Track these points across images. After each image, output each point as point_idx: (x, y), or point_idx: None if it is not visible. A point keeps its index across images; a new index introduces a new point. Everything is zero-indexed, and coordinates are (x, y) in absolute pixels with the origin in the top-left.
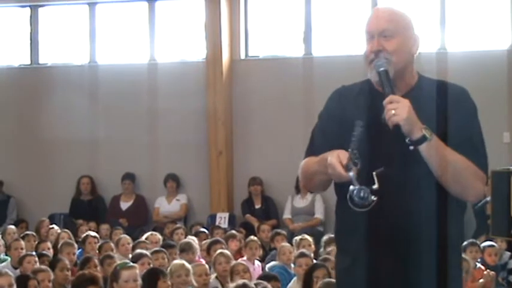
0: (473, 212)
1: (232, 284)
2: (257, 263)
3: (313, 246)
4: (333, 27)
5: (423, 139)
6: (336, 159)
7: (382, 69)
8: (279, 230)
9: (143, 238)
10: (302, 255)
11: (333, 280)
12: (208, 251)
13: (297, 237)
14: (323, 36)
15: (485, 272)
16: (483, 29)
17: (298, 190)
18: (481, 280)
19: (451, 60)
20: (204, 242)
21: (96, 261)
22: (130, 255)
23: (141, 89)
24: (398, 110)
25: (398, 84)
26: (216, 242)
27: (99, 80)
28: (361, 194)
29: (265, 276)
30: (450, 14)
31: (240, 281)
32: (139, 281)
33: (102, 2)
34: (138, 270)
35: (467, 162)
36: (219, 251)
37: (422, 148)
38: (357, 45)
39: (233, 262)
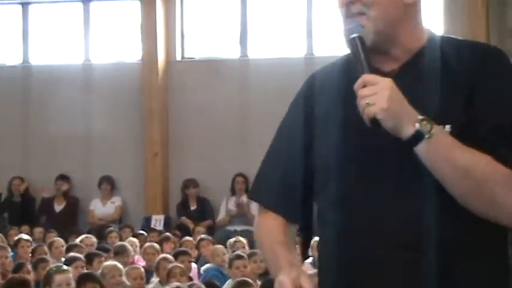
0: None
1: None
2: (193, 265)
3: (247, 247)
4: (269, 29)
5: (418, 137)
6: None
7: (353, 35)
8: (203, 236)
9: (77, 241)
10: (238, 257)
11: None
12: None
13: (231, 239)
14: (259, 38)
15: None
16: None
17: (233, 192)
18: None
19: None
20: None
21: (29, 266)
22: (63, 259)
23: (75, 89)
24: (374, 96)
25: (393, 52)
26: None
27: (33, 80)
28: None
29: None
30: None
31: (174, 284)
32: (73, 285)
33: (35, 2)
34: (71, 274)
35: (495, 166)
36: (162, 255)
37: (419, 150)
38: (293, 48)
39: (170, 265)
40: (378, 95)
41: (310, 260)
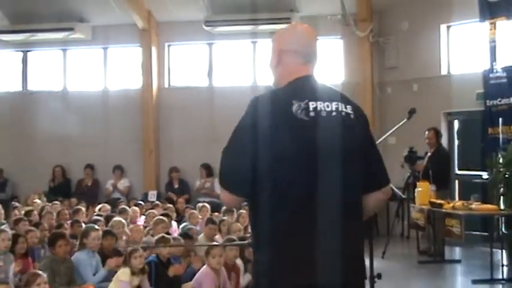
0: None
1: (156, 237)
2: (174, 223)
3: (209, 212)
4: (227, 65)
5: None
6: None
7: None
8: (188, 205)
9: (97, 208)
10: (210, 221)
11: None
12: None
13: (199, 204)
14: (221, 72)
15: None
16: None
17: (202, 176)
18: None
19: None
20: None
21: (66, 224)
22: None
23: (98, 107)
24: None
25: None
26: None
27: (71, 102)
28: None
29: (183, 234)
30: None
31: (161, 234)
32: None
33: (73, 47)
34: (100, 231)
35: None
36: (157, 218)
37: None
38: (243, 78)
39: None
40: None
41: None
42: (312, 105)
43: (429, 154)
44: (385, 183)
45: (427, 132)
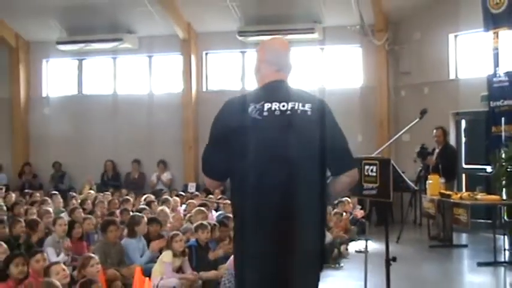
0: None
1: (195, 224)
2: (213, 212)
3: None
4: None
5: None
6: None
7: None
8: (222, 196)
9: (143, 198)
10: None
11: None
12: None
13: None
14: (252, 77)
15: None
16: None
17: None
18: None
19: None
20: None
21: (117, 212)
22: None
23: (144, 109)
24: None
25: None
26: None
27: (119, 103)
28: None
29: (219, 222)
30: None
31: (199, 222)
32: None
33: (122, 54)
34: (145, 219)
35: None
36: (197, 208)
37: None
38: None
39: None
40: None
41: None
42: (266, 106)
43: (437, 150)
44: (348, 168)
45: (435, 131)
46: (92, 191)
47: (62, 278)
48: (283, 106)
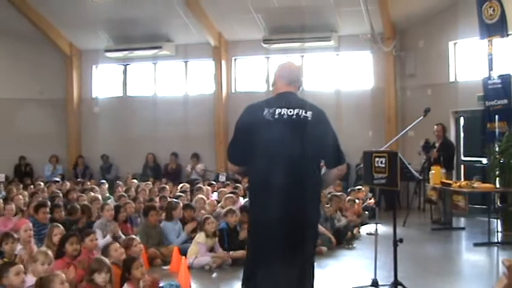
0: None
1: (225, 209)
2: (241, 199)
3: None
4: None
5: None
6: None
7: None
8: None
9: (179, 187)
10: None
11: None
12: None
13: None
14: None
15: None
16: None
17: None
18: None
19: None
20: (220, 190)
21: (156, 199)
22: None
23: (180, 109)
24: None
25: None
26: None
27: (159, 104)
28: None
29: (243, 207)
30: None
31: (228, 207)
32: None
33: (162, 59)
34: (181, 204)
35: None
36: (227, 195)
37: None
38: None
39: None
40: None
41: None
42: (277, 111)
43: (437, 145)
44: (339, 163)
45: (435, 127)
46: (135, 180)
47: (120, 255)
48: (290, 112)
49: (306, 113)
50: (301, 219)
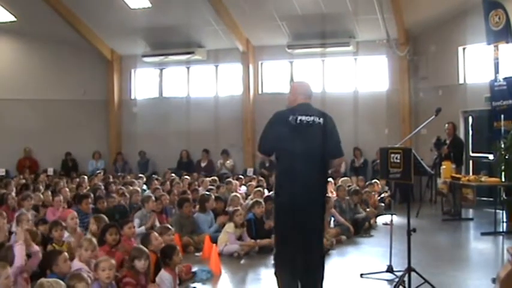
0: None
1: (252, 200)
2: (266, 191)
3: None
4: (304, 76)
5: None
6: None
7: None
8: None
9: (209, 180)
10: None
11: None
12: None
13: None
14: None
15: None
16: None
17: None
18: None
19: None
20: (249, 184)
21: (189, 191)
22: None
23: (206, 111)
24: None
25: None
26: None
27: (192, 105)
28: None
29: (267, 197)
30: None
31: (254, 199)
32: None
33: (195, 64)
34: (213, 196)
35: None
36: (256, 189)
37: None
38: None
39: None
40: None
41: None
42: (299, 117)
43: (447, 142)
44: (337, 156)
45: (446, 125)
46: (173, 175)
47: (159, 244)
48: (308, 118)
49: (319, 119)
50: (315, 203)
